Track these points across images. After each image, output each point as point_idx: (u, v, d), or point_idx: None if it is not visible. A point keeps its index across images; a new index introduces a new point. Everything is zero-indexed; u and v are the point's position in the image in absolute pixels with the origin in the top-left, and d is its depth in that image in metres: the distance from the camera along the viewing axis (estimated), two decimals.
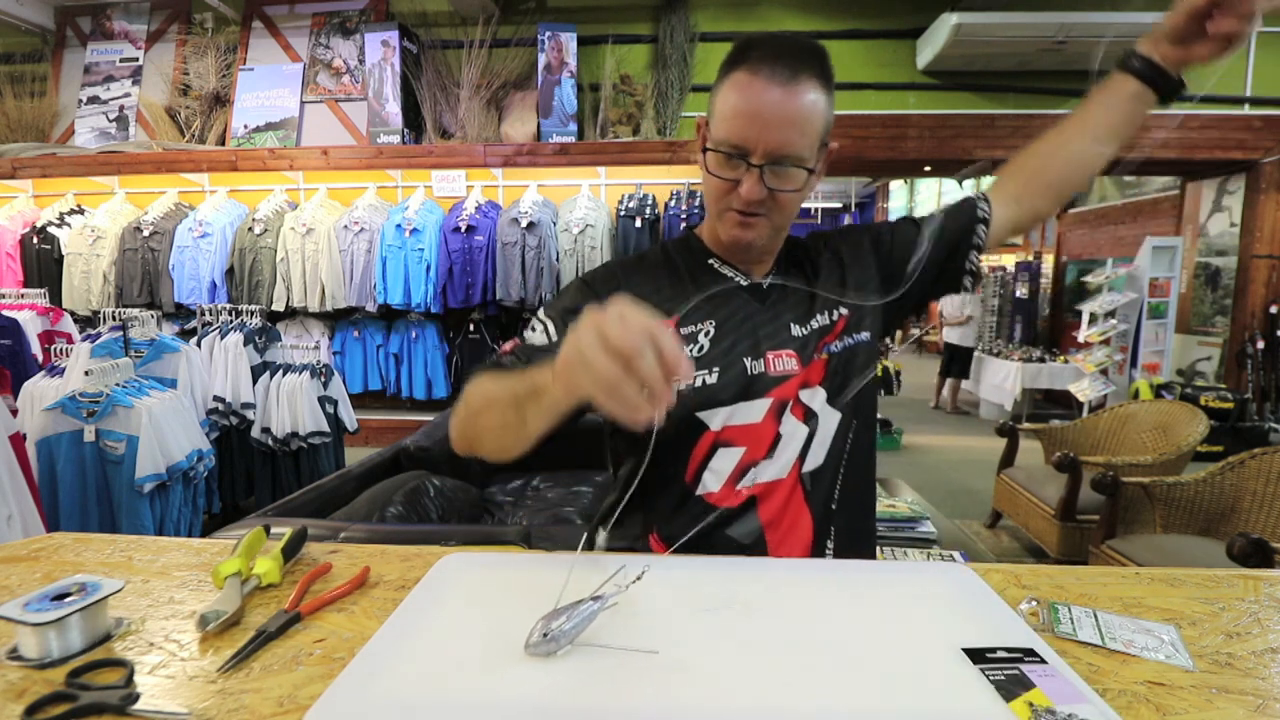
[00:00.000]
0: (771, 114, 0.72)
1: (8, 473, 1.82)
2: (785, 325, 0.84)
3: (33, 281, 4.58)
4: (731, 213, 0.78)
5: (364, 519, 1.79)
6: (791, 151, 0.74)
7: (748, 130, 0.73)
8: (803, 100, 0.72)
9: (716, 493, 0.81)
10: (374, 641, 0.59)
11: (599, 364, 0.49)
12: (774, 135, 0.72)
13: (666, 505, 0.82)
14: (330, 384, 3.28)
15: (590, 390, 0.50)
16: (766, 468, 0.81)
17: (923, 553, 1.95)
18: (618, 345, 0.48)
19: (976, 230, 0.93)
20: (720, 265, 0.86)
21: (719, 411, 0.80)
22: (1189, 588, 0.73)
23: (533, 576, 0.72)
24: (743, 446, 0.81)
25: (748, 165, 0.74)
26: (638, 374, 0.48)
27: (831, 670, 0.55)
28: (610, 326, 0.49)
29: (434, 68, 4.75)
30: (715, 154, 0.76)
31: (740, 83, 0.73)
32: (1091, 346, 5.51)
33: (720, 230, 0.82)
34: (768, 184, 0.75)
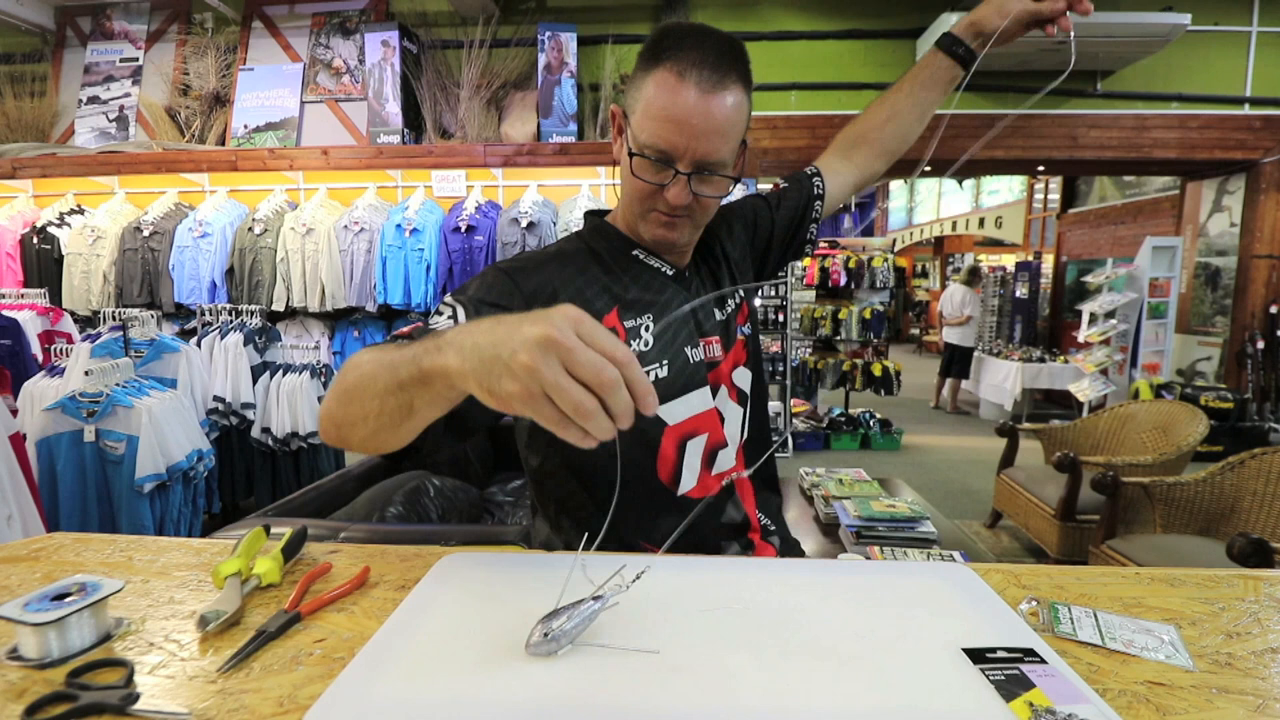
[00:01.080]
0: (699, 123, 0.70)
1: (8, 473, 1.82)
2: (710, 312, 0.87)
3: (33, 281, 4.57)
4: (656, 213, 0.78)
5: (364, 519, 1.80)
6: (718, 159, 0.73)
7: (675, 137, 0.71)
8: (729, 106, 0.71)
9: (696, 486, 0.82)
10: (374, 641, 0.59)
11: (570, 395, 0.43)
12: (701, 144, 0.71)
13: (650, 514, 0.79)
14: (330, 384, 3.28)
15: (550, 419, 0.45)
16: (728, 451, 0.84)
17: (923, 553, 1.95)
18: (591, 378, 0.43)
19: (814, 206, 0.98)
20: (645, 256, 0.85)
21: (673, 405, 0.80)
22: (1189, 588, 0.73)
23: (533, 576, 0.72)
24: (705, 433, 0.82)
25: (675, 172, 0.73)
26: (610, 408, 0.44)
27: (831, 670, 0.55)
28: (577, 352, 0.43)
29: (434, 68, 4.75)
30: (642, 159, 0.74)
31: (666, 84, 0.70)
32: (1091, 346, 5.51)
33: (643, 229, 0.81)
34: (694, 189, 0.74)
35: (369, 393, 0.55)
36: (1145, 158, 4.76)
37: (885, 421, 5.17)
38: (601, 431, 0.44)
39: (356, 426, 0.58)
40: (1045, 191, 9.19)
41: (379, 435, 0.58)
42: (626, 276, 0.82)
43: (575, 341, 0.43)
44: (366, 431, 0.58)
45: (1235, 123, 4.67)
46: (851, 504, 2.21)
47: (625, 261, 0.84)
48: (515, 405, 0.45)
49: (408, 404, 0.54)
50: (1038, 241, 9.35)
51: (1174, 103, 4.68)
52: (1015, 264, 8.56)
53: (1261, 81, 4.66)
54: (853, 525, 2.09)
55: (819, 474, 2.62)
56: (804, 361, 5.73)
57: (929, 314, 11.09)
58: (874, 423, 5.14)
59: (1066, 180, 7.75)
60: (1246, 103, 4.68)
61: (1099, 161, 4.88)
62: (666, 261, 0.86)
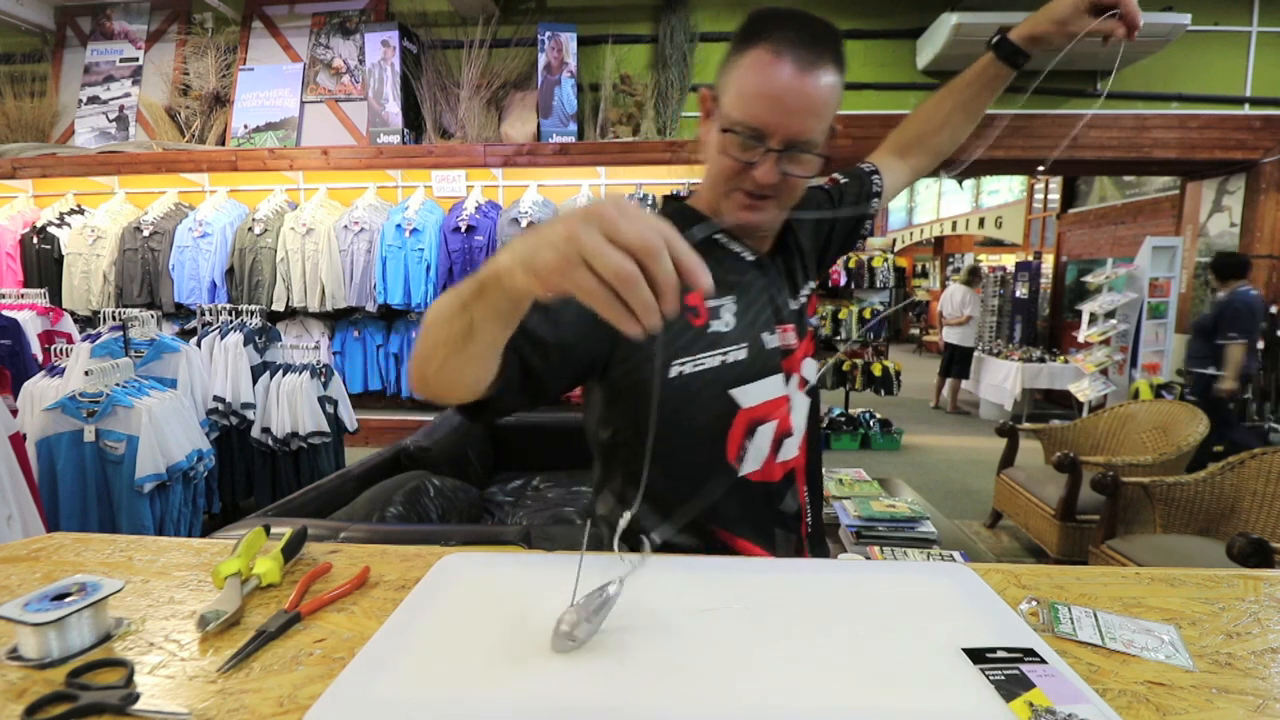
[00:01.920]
0: (794, 100, 0.70)
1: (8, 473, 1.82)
2: (786, 301, 0.87)
3: (33, 281, 4.58)
4: (740, 194, 0.77)
5: (364, 519, 1.80)
6: (809, 138, 0.72)
7: (769, 115, 0.71)
8: (823, 86, 0.71)
9: (760, 470, 0.82)
10: (374, 641, 0.59)
11: (609, 259, 0.41)
12: (795, 122, 0.71)
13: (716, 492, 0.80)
14: (330, 384, 3.28)
15: (590, 291, 0.42)
16: (793, 440, 0.84)
17: (923, 553, 1.95)
18: (633, 241, 0.42)
19: (871, 203, 1.00)
20: (727, 241, 0.84)
21: (748, 389, 0.80)
22: (1189, 588, 0.73)
23: (532, 576, 0.72)
24: (774, 420, 0.82)
25: (765, 149, 0.72)
26: (654, 277, 0.42)
27: (831, 670, 0.55)
28: (621, 220, 0.42)
29: (434, 68, 4.75)
30: (731, 135, 0.73)
31: (762, 62, 0.70)
32: (1091, 346, 5.51)
33: (725, 209, 0.79)
34: (782, 169, 0.73)
35: (439, 322, 0.56)
36: (1145, 158, 4.76)
37: (885, 421, 5.17)
38: (644, 308, 0.42)
39: (432, 360, 0.58)
40: (1045, 191, 9.19)
41: (449, 363, 0.57)
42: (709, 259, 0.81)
43: (617, 213, 0.42)
44: (439, 362, 0.58)
45: (1235, 123, 4.67)
46: (851, 504, 2.21)
47: (706, 244, 0.81)
48: (554, 278, 0.44)
49: (469, 323, 0.54)
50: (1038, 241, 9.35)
51: (1174, 103, 4.68)
52: (1015, 264, 8.56)
53: (1261, 81, 4.66)
54: (853, 525, 2.09)
55: None
56: None
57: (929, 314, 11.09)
58: (874, 423, 5.14)
59: (1066, 180, 7.75)
60: (1246, 103, 4.68)
61: (1099, 161, 4.88)
62: (747, 246, 0.85)
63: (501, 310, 0.53)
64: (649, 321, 0.43)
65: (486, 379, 0.61)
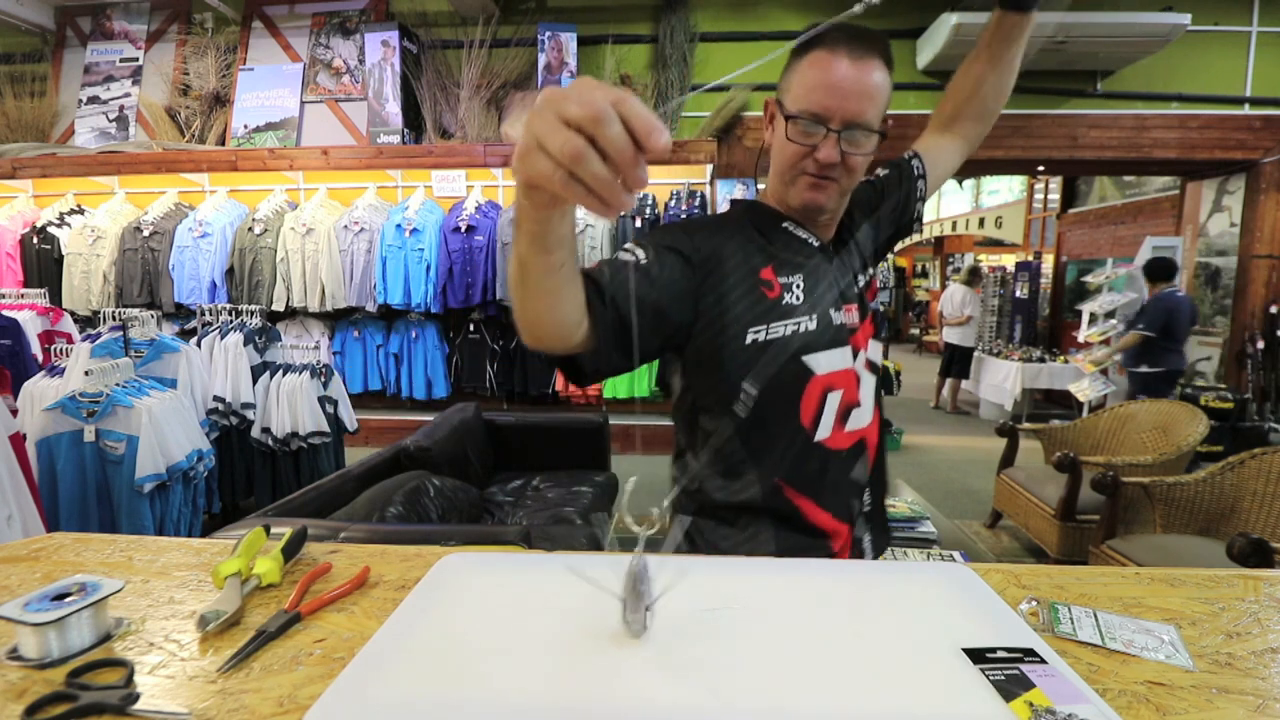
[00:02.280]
0: (849, 86, 0.79)
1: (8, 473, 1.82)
2: (850, 283, 0.93)
3: (33, 281, 4.58)
4: (805, 177, 0.85)
5: (364, 519, 1.80)
6: (864, 119, 0.81)
7: (828, 100, 0.80)
8: (873, 75, 0.81)
9: (830, 437, 0.87)
10: (374, 641, 0.59)
11: (556, 138, 0.40)
12: (851, 105, 0.80)
13: (790, 454, 0.85)
14: (330, 384, 3.27)
15: (546, 175, 0.42)
16: (860, 412, 0.90)
17: (923, 553, 1.95)
18: (577, 115, 0.40)
19: (916, 186, 1.03)
20: (794, 228, 0.91)
21: (819, 356, 0.85)
22: (1189, 588, 0.73)
23: (532, 576, 0.72)
24: (841, 389, 0.88)
25: (826, 131, 0.81)
26: (605, 146, 0.40)
27: (832, 670, 0.55)
28: (569, 96, 0.40)
29: (434, 68, 4.74)
30: (796, 122, 0.82)
31: (819, 59, 0.81)
32: (1091, 346, 5.51)
33: (792, 194, 0.87)
34: (843, 148, 0.82)
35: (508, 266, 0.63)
36: (1145, 158, 4.76)
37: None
38: (597, 181, 0.41)
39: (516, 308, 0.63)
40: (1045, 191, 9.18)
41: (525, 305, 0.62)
42: (779, 242, 0.90)
43: (567, 91, 0.41)
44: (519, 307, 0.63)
45: (1235, 123, 4.67)
46: None
47: (776, 231, 0.90)
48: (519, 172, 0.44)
49: (518, 259, 0.58)
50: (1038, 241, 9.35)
51: (1174, 103, 4.68)
52: (1015, 264, 8.55)
53: (1261, 81, 4.66)
54: None
55: None
56: None
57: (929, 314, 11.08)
58: None
59: (1066, 180, 7.74)
60: (1246, 103, 4.68)
61: (1099, 161, 4.88)
62: (813, 233, 0.92)
63: (533, 234, 0.54)
64: (610, 197, 0.41)
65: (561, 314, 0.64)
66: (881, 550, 0.99)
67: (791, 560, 0.80)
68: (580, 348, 0.69)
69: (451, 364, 4.77)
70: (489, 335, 4.72)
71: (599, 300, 0.70)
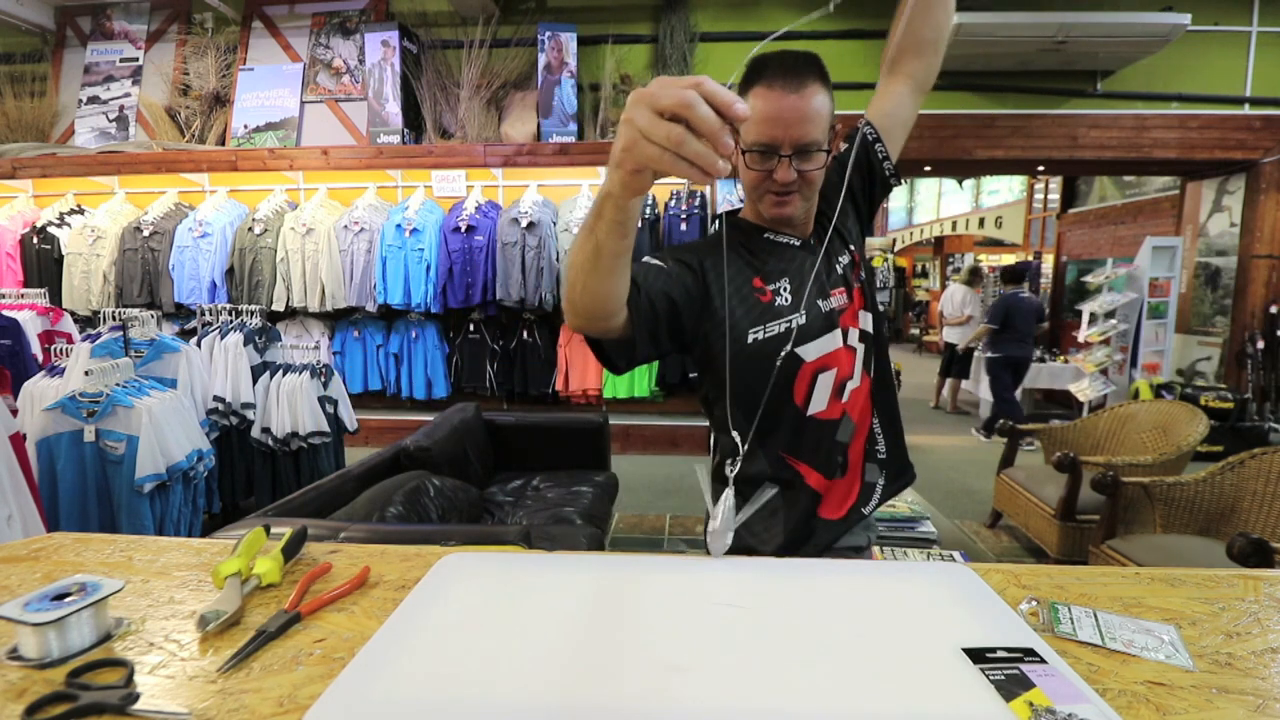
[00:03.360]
0: (791, 115, 0.90)
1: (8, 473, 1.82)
2: (833, 268, 1.04)
3: (33, 281, 4.58)
4: (770, 195, 0.96)
5: (364, 519, 1.80)
6: (810, 140, 0.91)
7: (775, 130, 0.90)
8: (813, 101, 0.90)
9: (824, 409, 1.01)
10: (374, 641, 0.59)
11: (659, 130, 0.51)
12: (795, 131, 0.90)
13: (788, 430, 1.00)
14: (330, 384, 3.27)
15: (655, 158, 0.52)
16: (853, 382, 1.02)
17: (923, 553, 1.95)
18: (670, 105, 0.50)
19: (873, 148, 1.08)
20: (774, 235, 1.03)
21: (810, 345, 0.98)
22: (1189, 588, 0.73)
23: (532, 576, 0.72)
24: (834, 368, 1.00)
25: (779, 157, 0.92)
26: (697, 126, 0.50)
27: (832, 670, 0.55)
28: (660, 93, 0.51)
29: (434, 68, 4.75)
30: (751, 153, 0.93)
31: (762, 94, 0.91)
32: (1091, 346, 5.50)
33: (762, 209, 1.00)
34: (796, 168, 0.92)
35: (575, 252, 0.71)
36: (1145, 158, 4.76)
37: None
38: (698, 157, 0.50)
39: (575, 286, 0.73)
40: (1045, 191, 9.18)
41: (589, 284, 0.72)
42: (763, 253, 1.02)
43: (656, 88, 0.51)
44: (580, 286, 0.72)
45: (1235, 123, 4.67)
46: None
47: (759, 242, 1.03)
48: (627, 161, 0.55)
49: (596, 242, 0.67)
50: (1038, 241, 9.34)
51: (1174, 103, 4.68)
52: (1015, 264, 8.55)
53: (1261, 81, 4.66)
54: None
55: None
56: None
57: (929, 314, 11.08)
58: None
59: (1066, 180, 7.74)
60: (1246, 103, 4.68)
61: (1099, 161, 4.88)
62: (792, 235, 1.03)
63: (616, 220, 0.64)
64: (710, 167, 0.51)
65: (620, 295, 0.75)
66: (897, 491, 1.12)
67: (791, 560, 0.80)
68: (618, 334, 0.81)
69: (451, 364, 4.77)
70: (489, 335, 4.72)
71: (635, 291, 0.81)
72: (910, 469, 1.14)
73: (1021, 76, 4.67)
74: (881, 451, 1.08)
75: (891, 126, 1.08)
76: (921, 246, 14.10)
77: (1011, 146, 4.74)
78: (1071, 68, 4.60)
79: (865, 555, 1.12)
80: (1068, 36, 4.13)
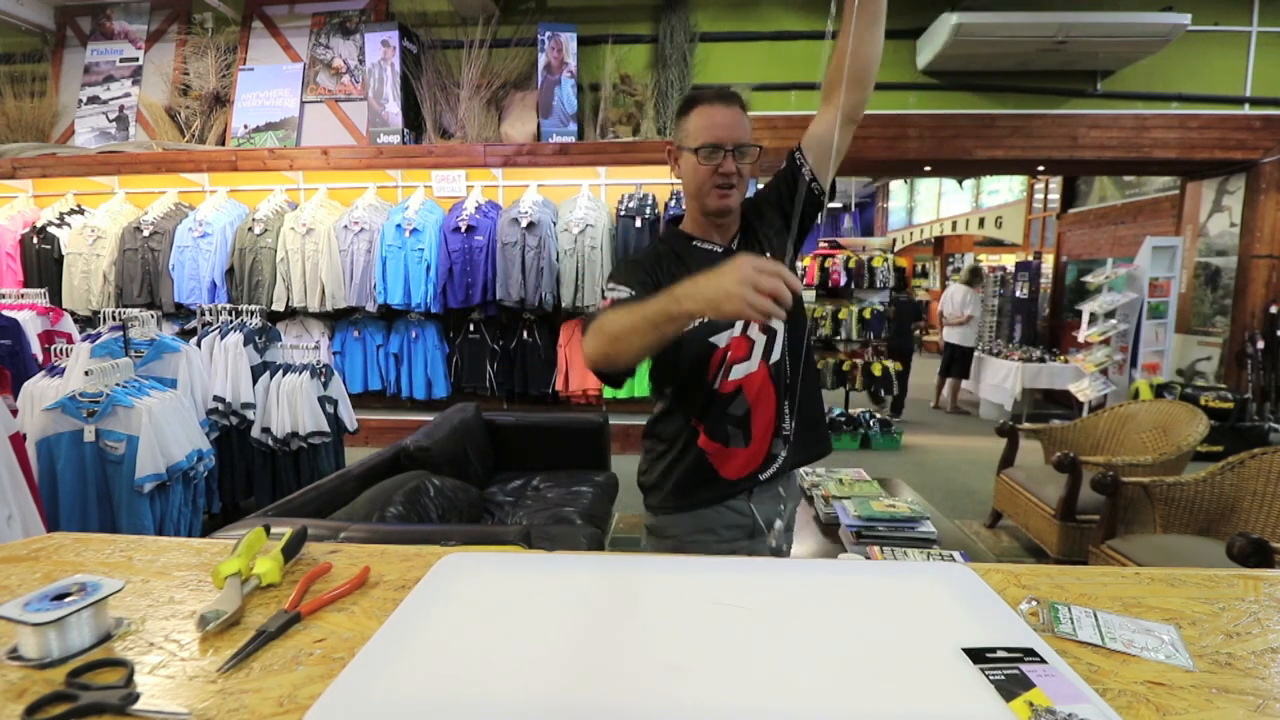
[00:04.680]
0: (730, 122, 1.16)
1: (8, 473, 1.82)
2: None
3: (33, 281, 4.58)
4: (716, 188, 1.18)
5: (364, 519, 1.80)
6: (745, 141, 1.17)
7: (720, 133, 1.16)
8: (742, 116, 1.18)
9: (721, 386, 1.21)
10: (374, 641, 0.59)
11: (760, 303, 0.79)
12: (734, 133, 1.16)
13: (700, 402, 1.23)
14: (330, 384, 3.27)
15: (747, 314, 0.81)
16: (744, 365, 1.22)
17: (923, 553, 1.95)
18: (769, 289, 0.79)
19: (803, 172, 1.25)
20: (702, 243, 1.25)
21: (722, 334, 1.20)
22: (1189, 588, 0.73)
23: (532, 576, 0.72)
24: (732, 351, 1.21)
25: (724, 153, 1.16)
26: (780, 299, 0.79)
27: (832, 670, 0.55)
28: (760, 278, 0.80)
29: (434, 68, 4.75)
30: (701, 152, 1.16)
31: (704, 112, 1.18)
32: (1091, 346, 5.50)
33: (709, 203, 1.20)
34: (737, 163, 1.17)
35: (633, 332, 0.96)
36: (1145, 158, 4.76)
37: (885, 421, 5.17)
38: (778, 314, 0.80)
39: (624, 353, 0.99)
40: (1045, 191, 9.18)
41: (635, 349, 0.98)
42: (691, 260, 1.22)
43: (755, 275, 0.80)
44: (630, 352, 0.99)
45: (1235, 123, 4.67)
46: (851, 504, 2.21)
47: (690, 250, 1.25)
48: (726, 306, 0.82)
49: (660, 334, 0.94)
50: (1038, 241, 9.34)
51: (1174, 103, 4.68)
52: (1015, 264, 8.54)
53: (1261, 81, 4.66)
54: (853, 525, 2.09)
55: (819, 474, 2.61)
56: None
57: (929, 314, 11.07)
58: (874, 423, 5.14)
59: (1066, 180, 7.74)
60: (1246, 103, 4.68)
61: (1099, 161, 4.88)
62: (715, 243, 1.25)
63: (669, 331, 0.94)
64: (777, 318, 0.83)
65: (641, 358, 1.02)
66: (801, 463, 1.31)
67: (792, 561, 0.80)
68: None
69: (451, 364, 4.77)
70: (489, 335, 4.72)
71: None
72: (820, 446, 1.33)
73: (1021, 76, 4.67)
74: (787, 430, 1.26)
75: (820, 150, 1.23)
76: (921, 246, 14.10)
77: (1011, 146, 4.74)
78: (1071, 68, 4.60)
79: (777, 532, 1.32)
80: (1068, 36, 4.13)
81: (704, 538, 1.25)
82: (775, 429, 1.25)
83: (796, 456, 1.28)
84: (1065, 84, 4.69)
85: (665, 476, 1.28)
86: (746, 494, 1.26)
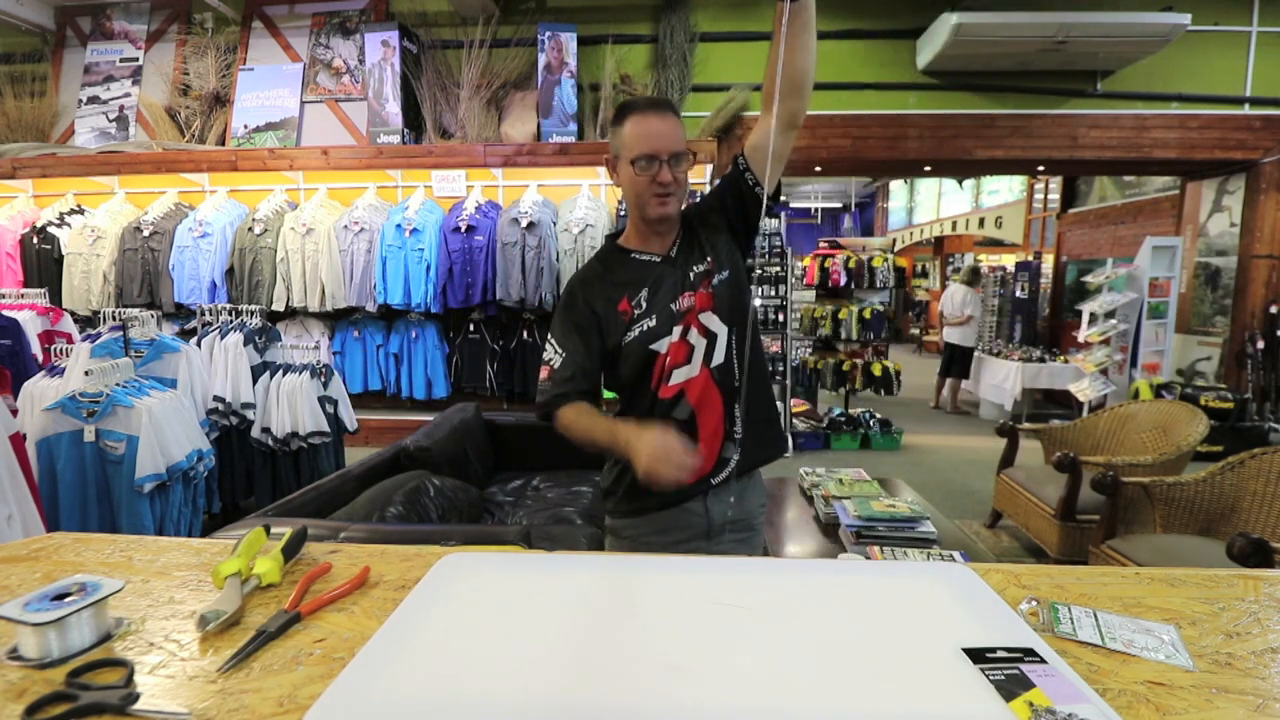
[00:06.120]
0: (664, 132, 1.19)
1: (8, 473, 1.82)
2: (686, 275, 1.26)
3: (33, 281, 4.57)
4: (655, 197, 1.20)
5: (364, 519, 1.80)
6: (680, 150, 1.20)
7: (655, 143, 1.18)
8: (676, 125, 1.21)
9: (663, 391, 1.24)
10: (374, 641, 0.59)
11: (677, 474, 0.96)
12: (668, 143, 1.19)
13: (644, 408, 1.26)
14: (330, 384, 3.27)
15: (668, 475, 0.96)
16: (685, 369, 1.24)
17: (923, 553, 1.95)
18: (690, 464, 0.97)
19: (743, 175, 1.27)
20: (638, 254, 1.29)
21: (662, 341, 1.23)
22: (1189, 588, 0.73)
23: (532, 576, 0.72)
24: (673, 356, 1.23)
25: (660, 163, 1.18)
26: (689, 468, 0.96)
27: (832, 670, 0.55)
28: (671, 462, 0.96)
29: (434, 68, 4.74)
30: (638, 163, 1.19)
31: (639, 121, 1.20)
32: (1091, 346, 5.50)
33: (649, 211, 1.22)
34: (673, 172, 1.19)
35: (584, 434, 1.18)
36: (1145, 158, 4.76)
37: (885, 421, 5.17)
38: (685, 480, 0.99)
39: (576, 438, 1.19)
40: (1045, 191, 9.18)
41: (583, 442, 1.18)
42: (628, 273, 1.28)
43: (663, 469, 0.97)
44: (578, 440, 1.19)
45: (1235, 123, 4.67)
46: (851, 504, 2.21)
47: (626, 263, 1.29)
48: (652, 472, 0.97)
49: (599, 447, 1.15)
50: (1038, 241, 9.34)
51: (1174, 103, 4.68)
52: (1015, 264, 8.54)
53: (1261, 81, 4.66)
54: (853, 525, 2.09)
55: (819, 474, 2.62)
56: (804, 362, 5.73)
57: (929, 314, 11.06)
58: (874, 423, 5.13)
59: (1066, 180, 7.74)
60: (1246, 103, 4.68)
61: (1099, 161, 4.88)
62: (653, 252, 1.28)
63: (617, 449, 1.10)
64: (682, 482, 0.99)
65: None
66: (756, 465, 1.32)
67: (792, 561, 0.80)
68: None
69: (451, 364, 4.77)
70: (489, 335, 4.72)
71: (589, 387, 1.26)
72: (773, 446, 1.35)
73: (1021, 76, 4.67)
74: (738, 433, 1.27)
75: (761, 155, 1.25)
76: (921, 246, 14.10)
77: (1011, 146, 4.74)
78: (1071, 68, 4.60)
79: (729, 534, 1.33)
80: (1068, 36, 4.13)
81: (659, 539, 1.27)
82: (726, 432, 1.26)
83: (750, 458, 1.29)
84: (1065, 84, 4.69)
85: (618, 482, 1.32)
86: (701, 496, 1.26)
